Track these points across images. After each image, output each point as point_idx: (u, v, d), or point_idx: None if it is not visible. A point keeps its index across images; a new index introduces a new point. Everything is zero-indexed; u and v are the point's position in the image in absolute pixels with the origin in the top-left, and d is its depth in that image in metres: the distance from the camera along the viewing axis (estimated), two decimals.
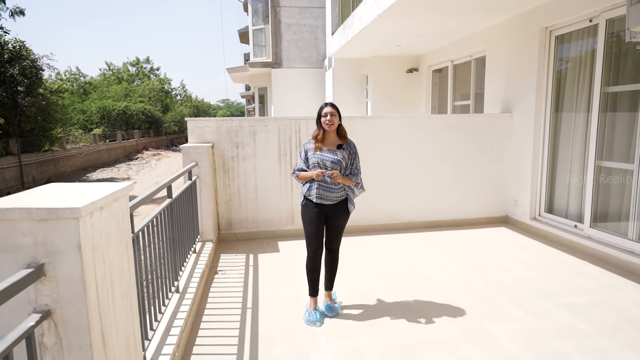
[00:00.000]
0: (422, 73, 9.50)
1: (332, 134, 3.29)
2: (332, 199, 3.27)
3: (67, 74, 42.05)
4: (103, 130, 30.77)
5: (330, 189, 3.24)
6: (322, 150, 3.25)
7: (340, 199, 3.30)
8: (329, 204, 3.28)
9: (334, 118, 3.21)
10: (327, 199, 3.26)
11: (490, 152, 6.04)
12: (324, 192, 3.25)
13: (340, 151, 3.26)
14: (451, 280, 4.08)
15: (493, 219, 6.15)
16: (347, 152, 3.28)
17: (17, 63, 17.22)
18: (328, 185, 3.23)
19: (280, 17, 13.32)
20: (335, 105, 3.29)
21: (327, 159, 3.22)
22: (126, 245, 1.85)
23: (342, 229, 3.41)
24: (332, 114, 3.21)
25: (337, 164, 3.22)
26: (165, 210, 3.30)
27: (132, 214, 2.35)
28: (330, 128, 3.22)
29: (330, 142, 3.30)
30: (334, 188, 3.24)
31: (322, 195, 3.25)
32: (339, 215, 3.34)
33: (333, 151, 3.25)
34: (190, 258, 4.36)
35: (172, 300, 3.31)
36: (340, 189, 3.28)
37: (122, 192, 1.76)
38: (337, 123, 3.25)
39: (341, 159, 3.23)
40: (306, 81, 13.70)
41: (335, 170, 3.20)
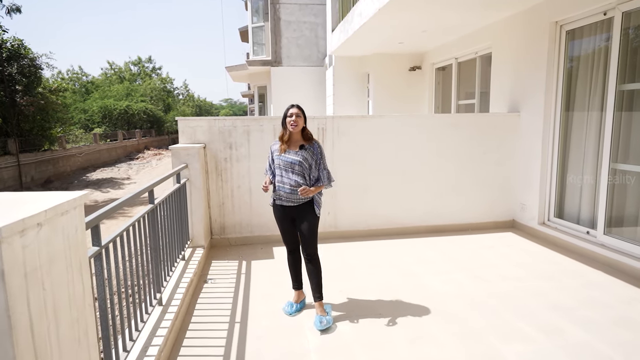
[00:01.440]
0: (425, 71, 9.22)
1: (297, 136, 3.28)
2: (293, 201, 3.26)
3: (69, 73, 41.97)
4: (104, 129, 30.64)
5: (292, 191, 3.21)
6: (288, 152, 3.25)
7: (304, 200, 3.27)
8: (291, 206, 3.28)
9: (298, 119, 3.21)
10: (288, 200, 3.26)
11: (496, 153, 5.76)
12: (284, 194, 3.26)
13: (302, 152, 3.23)
14: (455, 291, 3.81)
15: (499, 223, 5.87)
16: (310, 153, 3.25)
17: (15, 62, 17.03)
18: (290, 187, 3.21)
19: (279, 14, 13.05)
20: (301, 107, 3.30)
21: (288, 161, 3.21)
22: (79, 265, 1.60)
23: (312, 231, 3.31)
24: (297, 115, 3.21)
25: (298, 165, 3.20)
26: (145, 218, 3.05)
27: (97, 226, 2.10)
28: (294, 129, 3.21)
29: (295, 143, 3.29)
30: (296, 189, 3.20)
31: (281, 196, 3.28)
32: (305, 217, 3.28)
33: (295, 152, 3.24)
34: (178, 266, 4.11)
35: (152, 314, 3.05)
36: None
37: (70, 204, 1.50)
38: (301, 124, 3.24)
39: (302, 160, 3.20)
40: (306, 80, 13.43)
41: (296, 170, 3.19)
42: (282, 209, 3.32)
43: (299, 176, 3.20)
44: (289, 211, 3.31)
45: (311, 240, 3.31)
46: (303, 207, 3.28)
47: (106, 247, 2.24)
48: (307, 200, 3.27)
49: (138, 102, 36.46)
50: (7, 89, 16.47)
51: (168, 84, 47.18)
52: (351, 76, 10.59)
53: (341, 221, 5.56)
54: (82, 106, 33.27)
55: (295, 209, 3.28)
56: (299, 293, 3.55)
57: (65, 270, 1.48)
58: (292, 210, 3.30)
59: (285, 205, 3.29)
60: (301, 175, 3.20)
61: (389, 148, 5.55)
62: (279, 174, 3.27)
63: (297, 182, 3.19)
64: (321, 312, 3.29)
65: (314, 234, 3.32)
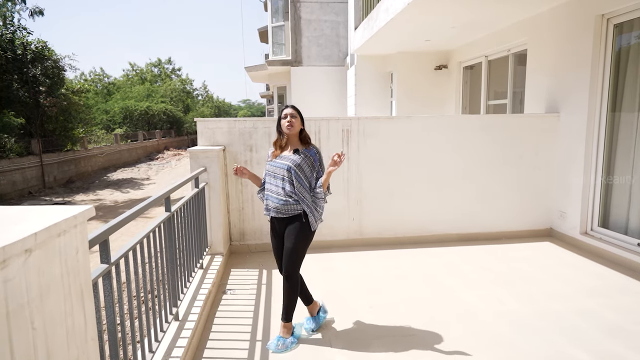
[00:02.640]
0: (452, 70, 8.84)
1: (294, 139, 2.95)
2: (282, 212, 2.88)
3: (91, 74, 42.71)
4: (125, 130, 31.00)
5: (281, 200, 2.86)
6: (280, 157, 2.93)
7: (294, 213, 2.87)
8: (281, 217, 2.91)
9: (294, 120, 2.88)
10: (276, 211, 2.90)
11: (532, 156, 5.38)
12: (274, 204, 2.90)
13: (295, 157, 2.88)
14: (495, 309, 3.47)
15: (535, 232, 5.48)
16: (305, 157, 2.89)
17: (39, 63, 17.28)
18: (279, 196, 2.87)
19: (300, 13, 12.81)
20: (296, 107, 2.97)
21: (278, 166, 2.89)
22: (80, 292, 1.36)
23: (294, 250, 2.87)
24: (293, 115, 2.89)
25: (287, 171, 2.84)
26: (161, 227, 2.82)
27: (106, 241, 1.87)
28: (290, 131, 2.87)
29: (292, 147, 2.96)
30: (287, 200, 2.85)
31: (273, 207, 2.91)
32: (292, 232, 2.88)
33: (287, 157, 2.90)
34: (196, 275, 3.89)
35: (168, 331, 2.83)
36: (295, 201, 2.85)
37: (69, 222, 1.26)
38: (298, 126, 2.92)
39: (293, 164, 2.83)
40: (327, 80, 13.16)
41: (285, 177, 2.84)
42: (274, 222, 2.97)
43: (289, 184, 2.83)
44: (279, 225, 2.94)
45: (292, 259, 2.89)
46: (293, 220, 2.87)
47: (116, 263, 2.02)
48: (298, 213, 2.86)
49: (158, 103, 36.84)
50: (31, 90, 16.70)
51: (187, 85, 47.60)
52: (373, 76, 10.27)
53: (366, 228, 5.26)
54: (104, 107, 33.77)
55: (284, 221, 2.90)
56: (313, 305, 3.22)
57: (62, 301, 1.25)
58: (281, 223, 2.92)
59: (274, 218, 2.94)
60: (290, 182, 2.83)
61: (417, 151, 5.24)
62: (269, 182, 2.94)
63: (287, 190, 2.83)
64: (285, 333, 2.98)
65: (298, 253, 2.89)
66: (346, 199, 5.19)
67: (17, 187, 15.45)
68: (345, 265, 4.59)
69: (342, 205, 5.19)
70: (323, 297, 3.77)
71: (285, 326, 3.02)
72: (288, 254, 2.90)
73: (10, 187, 15.04)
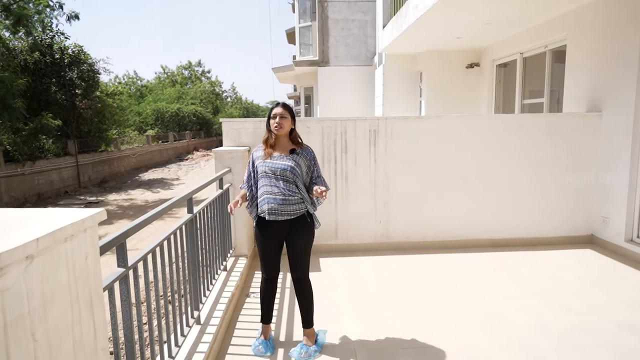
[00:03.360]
0: (484, 68, 8.53)
1: (284, 139, 2.81)
2: (288, 213, 2.72)
3: (125, 77, 44.09)
4: (157, 131, 31.78)
5: (285, 201, 2.70)
6: (273, 156, 2.76)
7: (299, 213, 2.75)
8: (284, 220, 2.74)
9: (283, 121, 2.73)
10: (281, 213, 2.72)
11: (571, 158, 5.08)
12: (277, 206, 2.71)
13: (293, 156, 2.75)
14: (532, 321, 3.26)
15: (574, 238, 5.16)
16: (303, 158, 2.79)
17: (75, 67, 17.90)
18: (283, 197, 2.70)
19: (327, 13, 12.72)
20: (288, 106, 2.81)
21: (278, 167, 2.71)
22: (89, 300, 1.29)
23: (305, 251, 2.83)
24: (282, 115, 2.73)
25: (290, 172, 2.70)
26: (183, 229, 2.78)
27: (123, 244, 1.81)
28: (279, 132, 2.73)
29: (282, 147, 2.80)
30: (290, 199, 2.71)
31: (274, 209, 2.71)
32: (300, 233, 2.78)
33: (285, 157, 2.75)
34: (220, 277, 3.84)
35: (189, 335, 2.77)
36: (299, 200, 2.74)
37: (77, 226, 1.19)
38: (288, 127, 2.77)
39: (295, 166, 2.72)
40: (354, 80, 13.01)
41: (288, 177, 2.71)
42: (270, 226, 2.77)
43: (292, 184, 2.71)
44: (280, 228, 2.76)
45: (304, 261, 2.82)
46: (299, 221, 2.76)
47: (134, 267, 1.97)
48: (303, 213, 2.76)
49: (188, 104, 37.61)
50: (67, 92, 17.32)
51: (217, 87, 48.42)
52: (402, 75, 10.06)
53: (393, 231, 5.10)
54: (137, 109, 34.75)
55: (289, 223, 2.76)
56: (268, 327, 3.00)
57: (69, 310, 1.18)
58: (284, 225, 2.76)
59: (277, 221, 2.74)
60: (293, 183, 2.72)
61: (448, 152, 5.04)
62: (266, 184, 2.73)
63: (291, 191, 2.70)
64: (308, 341, 2.88)
65: (307, 254, 2.84)
66: (373, 201, 5.05)
67: (54, 187, 16.03)
68: (371, 270, 4.45)
69: (368, 208, 5.05)
70: (347, 302, 3.65)
71: (308, 333, 2.92)
72: (299, 258, 2.81)
73: (48, 186, 15.63)
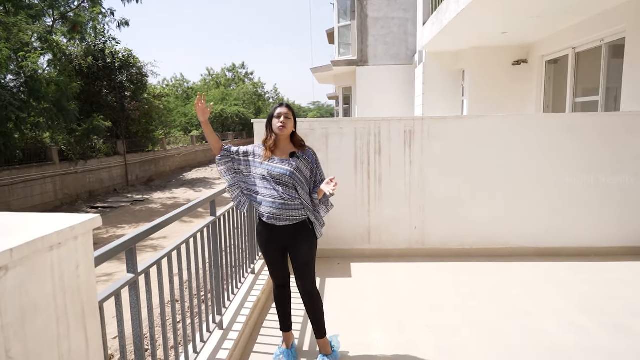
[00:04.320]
0: (533, 65, 8.02)
1: (285, 142, 2.66)
2: (287, 218, 2.56)
3: (173, 79, 45.80)
4: (201, 132, 32.72)
5: (285, 206, 2.54)
6: (272, 159, 2.59)
7: (299, 219, 2.58)
8: (283, 225, 2.57)
9: (287, 121, 2.60)
10: (280, 218, 2.55)
11: (632, 161, 4.60)
12: (275, 210, 2.55)
13: (294, 160, 2.59)
14: (581, 342, 2.94)
15: (634, 249, 4.68)
16: (305, 161, 2.62)
17: (125, 70, 18.73)
18: (282, 201, 2.54)
19: (367, 11, 12.49)
20: (291, 106, 2.69)
21: (277, 171, 2.55)
22: (81, 313, 1.22)
23: (310, 262, 2.64)
24: (287, 115, 2.60)
25: (289, 177, 2.54)
26: (205, 231, 2.72)
27: (132, 249, 1.75)
28: (282, 132, 2.58)
29: (283, 150, 2.64)
30: (289, 204, 2.55)
31: (273, 214, 2.55)
32: (301, 241, 2.60)
33: (285, 161, 2.59)
34: (246, 280, 3.78)
35: (209, 341, 2.71)
36: (299, 206, 2.57)
37: (63, 234, 1.12)
38: (291, 128, 2.63)
39: (295, 170, 2.56)
40: (393, 79, 12.69)
41: (287, 182, 2.54)
42: (270, 230, 2.61)
43: (291, 189, 2.57)
44: (280, 233, 2.60)
45: (309, 272, 2.65)
46: (300, 229, 2.60)
47: (146, 272, 1.91)
48: (304, 220, 2.60)
49: (232, 106, 38.50)
50: (117, 95, 18.14)
51: (259, 88, 49.26)
52: (443, 74, 9.68)
53: (429, 237, 4.85)
54: (183, 110, 35.97)
55: (290, 230, 2.59)
56: (289, 335, 2.90)
57: (54, 323, 1.11)
58: (285, 231, 2.59)
59: (275, 226, 2.58)
60: (293, 188, 2.57)
61: (490, 154, 4.72)
62: (263, 186, 2.59)
63: (290, 196, 2.55)
64: (325, 350, 2.75)
65: (312, 265, 2.66)
66: (408, 205, 4.82)
67: (104, 185, 16.84)
68: (404, 278, 4.23)
69: (403, 212, 4.83)
70: (377, 311, 3.47)
71: (322, 343, 2.78)
72: (305, 269, 2.64)
73: (98, 185, 16.43)
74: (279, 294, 2.83)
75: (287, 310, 2.87)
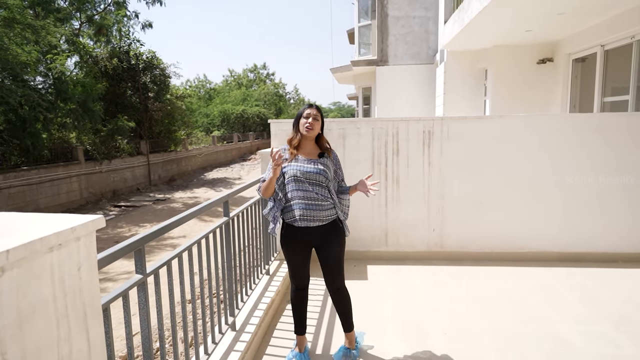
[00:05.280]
0: (559, 64, 7.77)
1: (310, 143, 2.69)
2: (321, 219, 2.58)
3: (195, 80, 46.53)
4: (222, 132, 33.16)
5: (318, 206, 2.56)
6: (298, 159, 2.62)
7: (331, 219, 2.62)
8: (315, 227, 2.58)
9: (315, 123, 2.63)
10: (314, 219, 2.57)
11: None
12: (308, 212, 2.55)
13: (323, 160, 2.64)
14: (607, 353, 2.80)
15: None
16: (331, 163, 2.69)
17: (149, 72, 19.11)
18: (316, 202, 2.56)
19: (387, 10, 12.36)
20: (320, 109, 2.72)
21: (311, 171, 2.57)
22: (83, 315, 1.21)
23: (340, 259, 2.69)
24: (315, 117, 2.63)
25: (321, 175, 2.57)
26: (217, 232, 2.71)
27: (140, 250, 1.75)
28: (309, 133, 2.61)
29: (308, 150, 2.67)
30: (322, 205, 2.57)
31: (306, 215, 2.56)
32: (332, 240, 2.63)
33: (314, 160, 2.62)
34: (261, 281, 3.77)
35: (221, 343, 2.70)
36: (331, 205, 2.61)
37: (63, 235, 1.11)
38: (317, 129, 2.66)
39: (325, 168, 2.60)
40: (414, 79, 12.53)
41: (320, 182, 2.57)
42: (300, 232, 2.59)
43: (324, 189, 2.59)
44: (310, 234, 2.59)
45: (341, 270, 2.70)
46: (331, 227, 2.62)
47: (155, 273, 1.90)
48: (334, 219, 2.64)
49: (252, 106, 38.84)
50: (141, 96, 18.53)
51: (280, 89, 49.52)
52: (465, 73, 9.48)
53: (448, 240, 4.74)
54: (205, 111, 36.51)
55: (321, 230, 2.59)
56: (303, 339, 2.87)
57: (54, 326, 1.10)
58: (315, 232, 2.58)
59: (308, 227, 2.57)
60: (326, 187, 2.60)
61: (512, 154, 4.58)
62: (298, 188, 2.55)
63: (324, 196, 2.57)
64: (350, 344, 2.82)
65: (342, 263, 2.71)
66: (426, 207, 4.73)
67: (128, 184, 17.21)
68: (422, 281, 4.15)
69: (421, 214, 4.74)
70: (393, 316, 3.40)
71: (350, 336, 2.84)
72: (336, 267, 2.68)
73: (122, 184, 16.81)
74: (297, 296, 2.81)
75: (303, 313, 2.86)
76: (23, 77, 11.92)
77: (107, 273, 7.12)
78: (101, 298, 1.50)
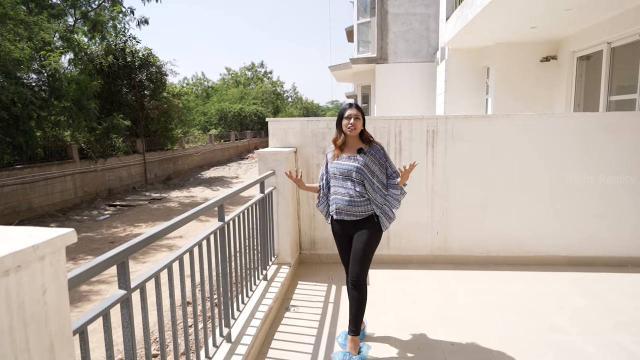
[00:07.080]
0: (563, 61, 7.62)
1: (354, 139, 2.83)
2: (355, 214, 2.74)
3: (193, 78, 46.22)
4: (220, 130, 32.91)
5: (352, 202, 2.72)
6: (341, 157, 2.80)
7: (367, 214, 2.74)
8: (351, 221, 2.77)
9: (357, 122, 2.75)
10: (348, 213, 2.75)
11: None
12: (343, 206, 2.76)
13: (360, 156, 2.74)
14: None
15: None
16: (372, 157, 2.75)
17: (145, 69, 18.85)
18: (349, 198, 2.72)
19: (387, 8, 12.18)
20: (359, 107, 2.84)
21: (344, 168, 2.74)
22: (49, 345, 1.04)
23: (366, 250, 2.73)
24: (356, 117, 2.75)
25: (356, 173, 2.70)
26: (211, 238, 2.54)
27: (124, 263, 1.57)
28: (351, 132, 2.76)
29: (352, 147, 2.82)
30: (356, 201, 2.71)
31: (341, 209, 2.77)
32: (363, 234, 2.74)
33: (352, 157, 2.76)
34: (258, 287, 3.60)
35: (215, 357, 2.52)
36: (366, 201, 2.72)
37: (24, 256, 0.94)
38: (360, 128, 2.79)
39: (362, 166, 2.71)
40: (414, 77, 12.35)
41: (354, 178, 2.72)
42: (339, 224, 2.85)
43: (359, 185, 2.73)
44: (347, 228, 2.81)
45: (363, 261, 2.73)
46: (364, 222, 2.75)
47: (142, 287, 1.73)
48: (370, 214, 2.73)
49: (250, 104, 38.57)
50: (137, 94, 18.27)
51: (278, 87, 49.26)
52: (466, 71, 9.32)
53: (452, 244, 4.58)
54: (202, 109, 36.22)
55: (355, 224, 2.77)
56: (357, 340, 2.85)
57: None
58: (351, 226, 2.79)
59: (345, 220, 2.79)
60: (361, 183, 2.73)
61: (518, 155, 4.42)
62: (335, 184, 2.81)
63: (358, 191, 2.72)
64: (352, 348, 2.74)
65: (367, 255, 2.75)
66: (429, 209, 4.56)
67: (123, 183, 16.98)
68: (425, 287, 3.98)
69: (424, 216, 4.58)
70: (396, 325, 3.24)
71: (353, 340, 2.75)
72: (358, 258, 2.72)
73: (117, 182, 16.58)
74: (348, 288, 2.87)
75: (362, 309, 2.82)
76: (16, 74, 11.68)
77: (102, 275, 6.92)
78: (76, 320, 1.33)
